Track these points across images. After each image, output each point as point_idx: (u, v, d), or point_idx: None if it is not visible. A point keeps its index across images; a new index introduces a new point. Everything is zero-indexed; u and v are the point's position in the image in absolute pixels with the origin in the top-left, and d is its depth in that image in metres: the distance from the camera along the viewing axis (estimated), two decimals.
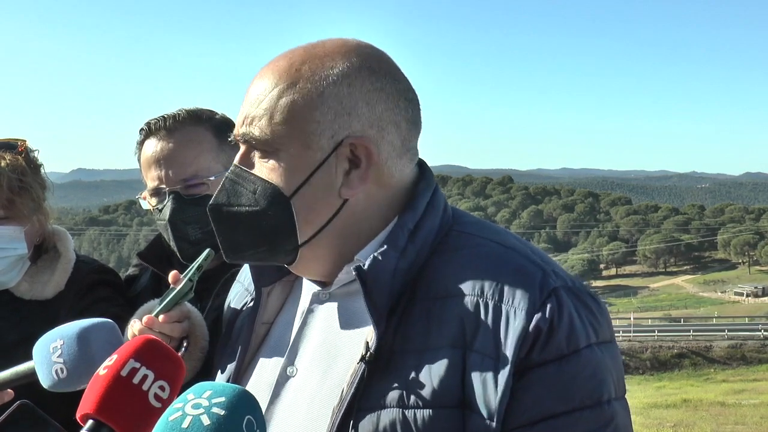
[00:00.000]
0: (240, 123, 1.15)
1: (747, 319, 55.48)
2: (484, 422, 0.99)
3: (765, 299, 74.95)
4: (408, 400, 1.01)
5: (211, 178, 1.85)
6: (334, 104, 1.09)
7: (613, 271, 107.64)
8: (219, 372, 1.30)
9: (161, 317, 1.52)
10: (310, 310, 1.21)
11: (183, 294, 1.52)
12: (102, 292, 1.93)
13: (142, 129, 1.90)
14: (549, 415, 0.99)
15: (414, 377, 1.02)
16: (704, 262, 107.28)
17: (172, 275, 1.56)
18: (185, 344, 1.60)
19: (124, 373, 0.89)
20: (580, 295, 1.06)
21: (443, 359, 1.02)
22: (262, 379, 1.21)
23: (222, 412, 0.78)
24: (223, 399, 0.80)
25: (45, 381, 1.17)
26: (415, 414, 1.01)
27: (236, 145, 1.98)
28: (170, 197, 1.82)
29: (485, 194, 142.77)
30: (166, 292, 1.55)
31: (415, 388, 1.01)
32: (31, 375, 1.19)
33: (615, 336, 1.10)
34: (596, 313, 1.06)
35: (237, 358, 1.26)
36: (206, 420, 0.77)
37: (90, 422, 0.87)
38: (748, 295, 77.42)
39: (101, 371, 0.90)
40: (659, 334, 45.31)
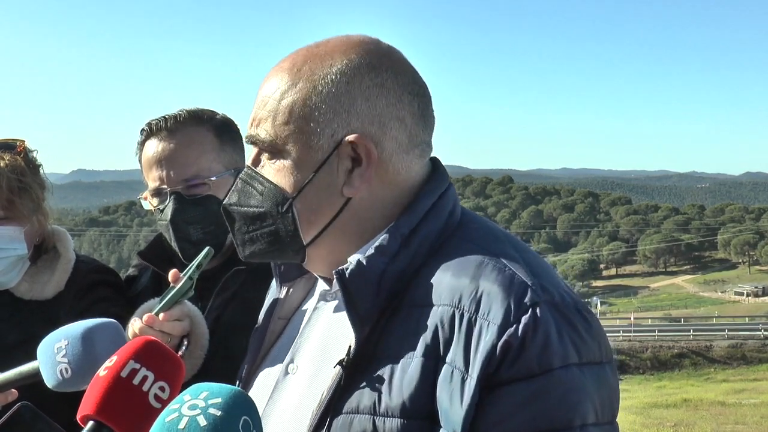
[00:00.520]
0: (249, 125, 1.16)
1: (747, 319, 55.64)
2: None
3: (765, 299, 75.03)
4: (379, 408, 1.00)
5: (213, 179, 1.86)
6: (333, 103, 1.09)
7: (614, 271, 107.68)
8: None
9: (161, 315, 1.53)
10: (317, 308, 1.22)
11: (183, 292, 1.52)
12: (102, 292, 1.93)
13: (143, 129, 1.91)
14: None
15: (387, 385, 1.01)
16: (704, 262, 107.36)
17: (172, 274, 1.56)
18: (186, 343, 1.60)
19: (124, 374, 0.89)
20: (566, 312, 0.99)
21: (416, 369, 0.99)
22: (270, 375, 1.22)
23: (218, 413, 0.79)
24: (220, 400, 0.80)
25: (49, 381, 1.17)
26: (385, 422, 0.99)
27: (237, 146, 2.00)
28: (171, 197, 1.82)
29: (485, 194, 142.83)
30: (167, 291, 1.55)
31: (388, 396, 1.00)
32: (36, 375, 1.19)
33: (610, 357, 1.03)
34: (582, 332, 0.99)
35: (250, 353, 1.28)
36: (203, 421, 0.78)
37: (90, 423, 0.87)
38: (749, 295, 77.53)
39: (101, 372, 0.90)
40: (659, 334, 45.44)
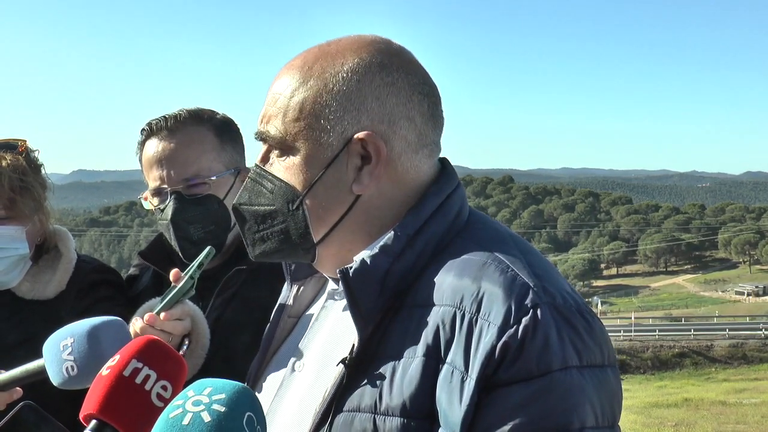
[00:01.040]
0: (258, 121, 1.16)
1: (748, 319, 55.50)
2: None
3: (766, 298, 74.91)
4: (380, 407, 1.00)
5: (213, 178, 1.86)
6: (343, 101, 1.09)
7: (614, 271, 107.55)
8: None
9: (162, 315, 1.53)
10: (325, 307, 1.22)
11: (184, 291, 1.52)
12: (103, 292, 1.93)
13: (144, 129, 1.91)
14: None
15: (388, 384, 1.01)
16: (705, 262, 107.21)
17: (173, 273, 1.56)
18: (187, 342, 1.61)
19: (127, 374, 0.89)
20: (568, 315, 0.98)
21: (417, 369, 0.99)
22: (279, 372, 1.22)
23: (222, 409, 0.78)
24: (224, 396, 0.80)
25: (55, 378, 1.17)
26: (385, 421, 0.99)
27: (237, 145, 2.00)
28: (172, 197, 1.82)
29: (486, 194, 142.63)
30: (168, 290, 1.55)
31: (388, 395, 1.00)
32: (41, 372, 1.20)
33: (612, 361, 1.02)
34: (584, 335, 0.98)
35: (260, 351, 1.29)
36: (207, 417, 0.77)
37: (93, 422, 0.87)
38: (749, 295, 77.39)
39: (104, 371, 0.90)
40: (660, 334, 45.35)
